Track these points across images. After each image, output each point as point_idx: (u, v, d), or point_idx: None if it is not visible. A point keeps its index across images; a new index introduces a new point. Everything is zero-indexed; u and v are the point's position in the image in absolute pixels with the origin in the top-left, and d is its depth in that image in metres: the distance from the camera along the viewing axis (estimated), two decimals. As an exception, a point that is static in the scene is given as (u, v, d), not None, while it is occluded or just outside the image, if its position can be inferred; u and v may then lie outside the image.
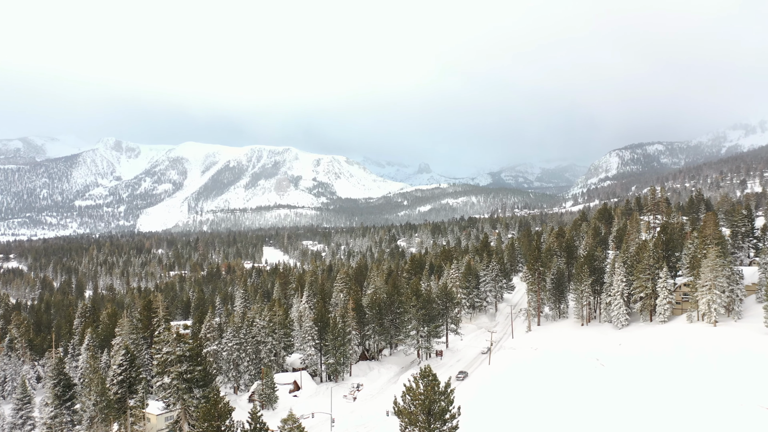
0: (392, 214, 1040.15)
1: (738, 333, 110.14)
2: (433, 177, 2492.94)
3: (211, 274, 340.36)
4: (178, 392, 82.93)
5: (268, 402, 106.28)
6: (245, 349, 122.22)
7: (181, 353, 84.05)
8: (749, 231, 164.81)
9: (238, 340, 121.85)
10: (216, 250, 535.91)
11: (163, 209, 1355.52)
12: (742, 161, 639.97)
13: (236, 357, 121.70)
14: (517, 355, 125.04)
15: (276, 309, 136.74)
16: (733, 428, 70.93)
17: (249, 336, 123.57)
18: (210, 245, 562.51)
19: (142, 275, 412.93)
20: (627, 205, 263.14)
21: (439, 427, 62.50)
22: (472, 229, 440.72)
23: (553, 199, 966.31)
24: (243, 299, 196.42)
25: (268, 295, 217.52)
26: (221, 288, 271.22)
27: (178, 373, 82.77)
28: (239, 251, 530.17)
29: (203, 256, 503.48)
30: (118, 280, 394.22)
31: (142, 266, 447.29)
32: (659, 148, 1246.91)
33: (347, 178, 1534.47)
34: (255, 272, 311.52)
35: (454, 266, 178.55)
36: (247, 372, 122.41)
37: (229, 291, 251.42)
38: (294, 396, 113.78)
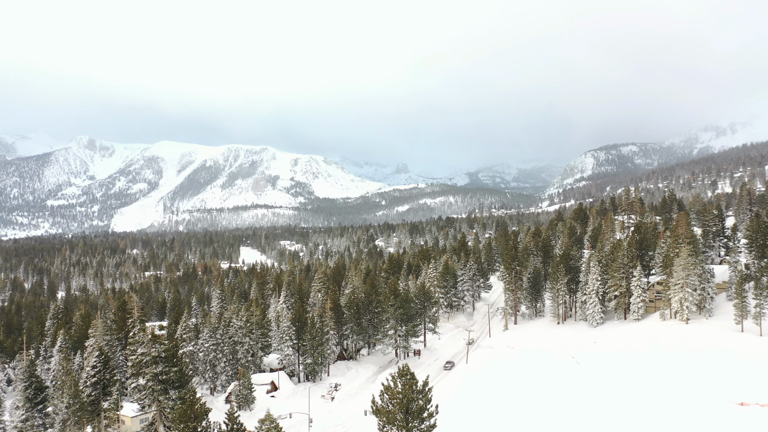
0: (370, 214, 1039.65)
1: (709, 330, 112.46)
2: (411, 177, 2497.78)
3: (187, 275, 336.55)
4: (153, 394, 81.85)
5: (246, 403, 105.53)
6: (222, 349, 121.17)
7: (156, 354, 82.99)
8: (720, 230, 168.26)
9: (215, 341, 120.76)
10: (192, 251, 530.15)
11: (138, 209, 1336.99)
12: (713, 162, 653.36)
13: (213, 358, 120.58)
14: (494, 353, 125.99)
15: (253, 309, 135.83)
16: (704, 423, 72.36)
17: (226, 336, 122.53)
18: (186, 245, 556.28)
19: (116, 276, 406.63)
20: (602, 205, 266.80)
21: (417, 426, 62.72)
22: (450, 229, 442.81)
23: (530, 199, 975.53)
24: (220, 300, 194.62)
25: (246, 295, 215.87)
26: (198, 288, 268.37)
27: (153, 374, 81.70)
28: (216, 251, 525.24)
29: (179, 257, 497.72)
30: (91, 281, 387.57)
31: (117, 267, 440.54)
32: (633, 149, 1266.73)
33: (325, 178, 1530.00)
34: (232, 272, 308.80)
35: (432, 266, 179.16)
36: (224, 373, 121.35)
37: (205, 291, 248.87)
38: (271, 396, 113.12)
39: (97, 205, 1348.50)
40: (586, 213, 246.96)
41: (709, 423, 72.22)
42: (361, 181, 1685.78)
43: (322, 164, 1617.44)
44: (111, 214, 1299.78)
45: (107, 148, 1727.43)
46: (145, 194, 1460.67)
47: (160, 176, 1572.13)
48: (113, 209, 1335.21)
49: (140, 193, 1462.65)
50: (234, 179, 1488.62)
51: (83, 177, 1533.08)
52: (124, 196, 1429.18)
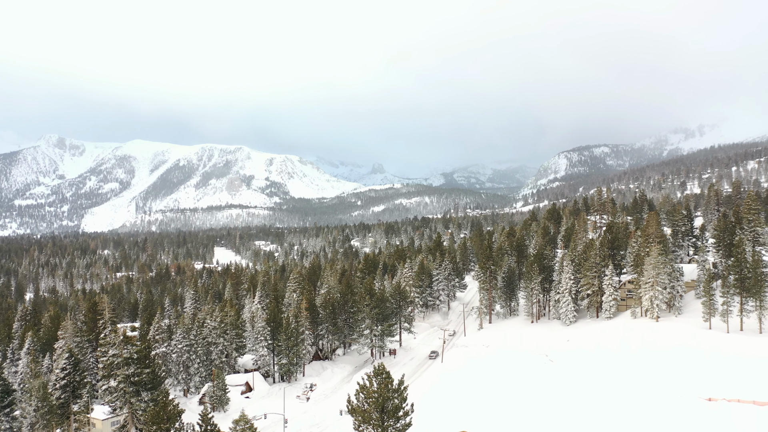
0: (346, 214, 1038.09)
1: (679, 328, 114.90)
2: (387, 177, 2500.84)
3: (160, 275, 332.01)
4: (125, 396, 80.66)
5: (220, 404, 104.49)
6: (196, 350, 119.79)
7: (128, 355, 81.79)
8: (689, 230, 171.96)
9: (188, 342, 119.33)
10: (165, 251, 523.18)
11: (109, 209, 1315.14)
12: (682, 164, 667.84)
13: (186, 359, 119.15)
14: (469, 352, 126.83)
15: (228, 310, 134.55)
16: (673, 418, 73.85)
17: (200, 337, 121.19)
18: (159, 246, 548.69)
19: (87, 277, 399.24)
20: (575, 206, 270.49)
21: (393, 425, 62.87)
22: (426, 229, 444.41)
23: (505, 200, 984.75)
24: (193, 300, 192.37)
25: (220, 296, 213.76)
26: (171, 289, 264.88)
27: (125, 376, 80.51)
28: (189, 252, 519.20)
29: (152, 257, 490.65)
30: (61, 282, 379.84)
31: (87, 267, 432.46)
32: (605, 150, 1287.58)
33: (300, 178, 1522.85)
34: (206, 273, 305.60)
35: (407, 265, 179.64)
36: (197, 374, 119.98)
37: (178, 292, 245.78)
38: (246, 397, 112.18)
39: (67, 205, 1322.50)
40: (560, 213, 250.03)
41: (679, 418, 73.73)
42: (337, 181, 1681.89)
43: (297, 164, 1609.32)
44: (81, 215, 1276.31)
45: (77, 147, 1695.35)
46: (116, 194, 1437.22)
47: (132, 176, 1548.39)
48: (84, 209, 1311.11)
49: (112, 193, 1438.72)
50: (208, 179, 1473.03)
51: (52, 176, 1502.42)
52: (95, 196, 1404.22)
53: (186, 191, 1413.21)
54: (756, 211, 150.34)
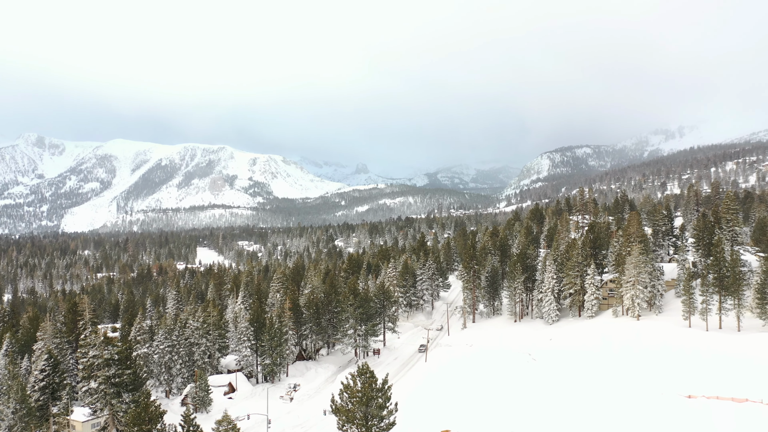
0: (330, 215, 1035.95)
1: (659, 326, 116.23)
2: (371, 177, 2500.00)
3: (141, 276, 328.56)
4: (105, 397, 79.72)
5: (202, 405, 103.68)
6: (178, 351, 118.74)
7: (109, 356, 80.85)
8: (669, 230, 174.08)
9: (171, 343, 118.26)
10: (147, 251, 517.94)
11: (90, 209, 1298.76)
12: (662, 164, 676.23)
13: (168, 360, 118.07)
14: (453, 351, 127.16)
15: (210, 310, 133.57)
16: (654, 415, 74.69)
17: (182, 338, 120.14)
18: (140, 246, 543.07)
19: (66, 277, 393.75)
20: (557, 206, 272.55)
21: (377, 424, 62.84)
22: (409, 229, 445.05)
23: (488, 200, 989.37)
24: (176, 301, 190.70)
25: (202, 296, 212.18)
26: (152, 290, 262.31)
27: (105, 377, 79.57)
28: (172, 252, 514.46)
29: (133, 258, 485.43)
30: (40, 283, 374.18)
31: (67, 268, 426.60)
32: (587, 151, 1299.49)
33: (284, 178, 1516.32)
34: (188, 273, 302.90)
35: (391, 265, 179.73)
36: (179, 375, 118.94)
37: (160, 293, 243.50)
38: (229, 398, 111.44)
39: (47, 205, 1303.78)
40: (543, 213, 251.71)
41: (659, 415, 74.57)
42: (321, 181, 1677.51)
43: (281, 164, 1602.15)
44: (61, 214, 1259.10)
45: (57, 146, 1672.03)
46: (97, 194, 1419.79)
47: (113, 175, 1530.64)
48: (64, 209, 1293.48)
49: (92, 193, 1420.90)
50: (191, 179, 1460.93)
51: (31, 176, 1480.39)
52: (75, 196, 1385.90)
53: (168, 191, 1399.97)
54: (734, 211, 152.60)
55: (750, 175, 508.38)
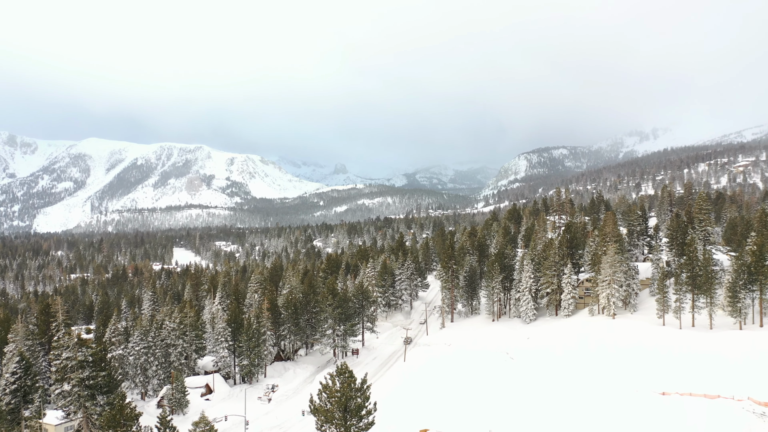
0: (308, 215, 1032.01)
1: (634, 325, 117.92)
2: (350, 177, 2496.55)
3: (116, 277, 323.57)
4: (79, 400, 78.39)
5: (179, 407, 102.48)
6: (154, 352, 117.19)
7: (83, 358, 79.50)
8: (643, 230, 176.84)
9: (146, 344, 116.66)
10: (122, 252, 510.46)
11: (63, 209, 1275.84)
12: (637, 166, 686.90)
13: (144, 361, 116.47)
14: (431, 351, 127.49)
15: (187, 311, 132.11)
16: (629, 412, 75.78)
17: (158, 339, 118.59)
18: (116, 246, 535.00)
19: (39, 279, 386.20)
20: (535, 206, 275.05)
21: (356, 424, 62.74)
22: (388, 229, 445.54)
23: (466, 200, 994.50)
24: (152, 302, 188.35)
25: (179, 297, 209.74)
26: (128, 291, 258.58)
27: (79, 379, 78.23)
28: (148, 252, 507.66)
29: (108, 258, 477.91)
30: (11, 284, 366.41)
31: (40, 269, 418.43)
32: (564, 152, 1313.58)
33: (262, 178, 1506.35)
34: (165, 274, 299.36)
35: (370, 265, 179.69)
36: (155, 376, 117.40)
37: (136, 294, 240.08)
38: (206, 399, 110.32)
39: (18, 205, 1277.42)
40: (520, 213, 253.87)
41: (634, 412, 75.70)
42: (299, 181, 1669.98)
43: (259, 164, 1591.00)
44: (33, 214, 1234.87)
45: (29, 145, 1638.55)
46: (71, 193, 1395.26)
47: (87, 175, 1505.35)
48: (36, 209, 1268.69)
49: (66, 193, 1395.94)
50: (167, 178, 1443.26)
51: (2, 175, 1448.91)
52: (48, 196, 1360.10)
53: (144, 191, 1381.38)
54: (707, 212, 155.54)
55: (721, 176, 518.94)
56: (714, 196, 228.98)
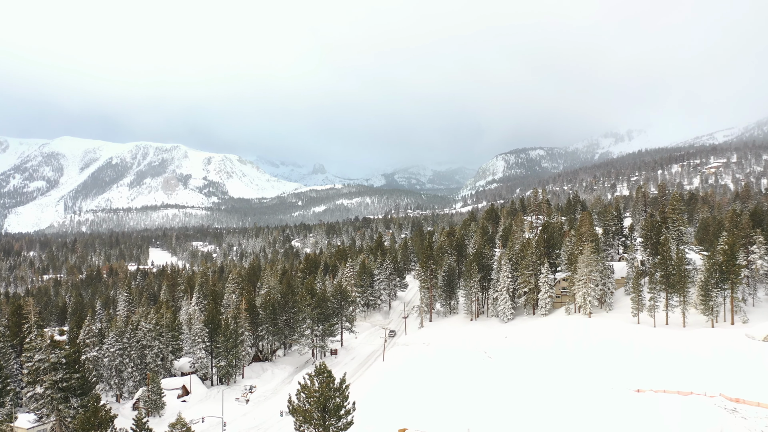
0: (286, 215, 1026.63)
1: (609, 323, 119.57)
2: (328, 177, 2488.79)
3: (91, 278, 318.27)
4: (52, 402, 76.98)
5: (155, 408, 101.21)
6: (129, 354, 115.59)
7: (56, 360, 78.09)
8: (619, 230, 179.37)
9: (121, 345, 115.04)
10: (97, 252, 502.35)
11: (35, 209, 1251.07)
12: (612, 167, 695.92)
13: (119, 363, 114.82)
14: (410, 350, 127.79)
15: (163, 311, 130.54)
16: (604, 409, 76.79)
17: (133, 340, 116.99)
18: (90, 247, 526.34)
19: (10, 280, 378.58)
20: (512, 206, 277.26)
21: (334, 423, 62.61)
22: (367, 230, 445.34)
23: (444, 201, 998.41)
24: (127, 303, 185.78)
25: (155, 298, 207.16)
26: (102, 292, 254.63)
27: (52, 381, 76.83)
28: (123, 253, 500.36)
29: (82, 259, 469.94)
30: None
31: (11, 270, 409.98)
32: (541, 153, 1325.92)
33: (240, 178, 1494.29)
34: (140, 275, 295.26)
35: (348, 265, 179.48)
36: (131, 378, 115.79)
37: (111, 295, 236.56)
38: (183, 401, 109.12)
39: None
40: (498, 213, 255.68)
41: (609, 409, 76.73)
42: (277, 181, 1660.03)
43: (236, 163, 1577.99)
44: (4, 214, 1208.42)
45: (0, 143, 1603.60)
46: (43, 193, 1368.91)
47: (60, 174, 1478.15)
48: (7, 209, 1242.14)
49: (38, 192, 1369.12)
50: (143, 178, 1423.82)
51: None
52: (19, 195, 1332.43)
53: (119, 190, 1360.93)
54: (680, 212, 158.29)
55: (694, 177, 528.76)
56: (687, 196, 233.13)
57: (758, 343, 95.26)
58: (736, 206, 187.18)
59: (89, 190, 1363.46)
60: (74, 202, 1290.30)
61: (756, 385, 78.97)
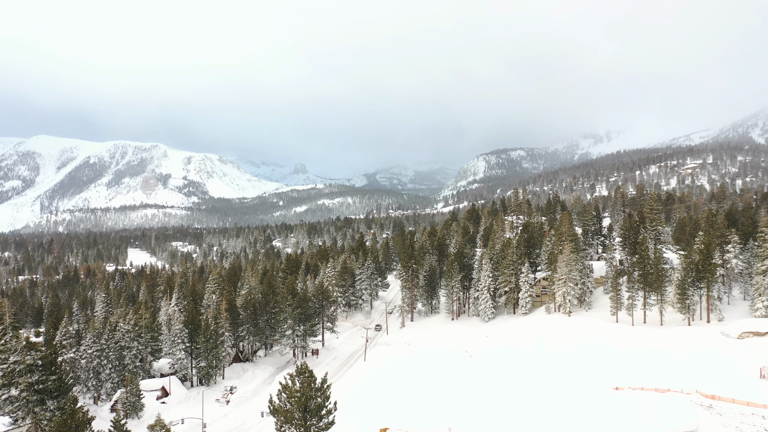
0: (268, 215, 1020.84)
1: (588, 322, 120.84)
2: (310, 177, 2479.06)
3: (68, 278, 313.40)
4: (28, 405, 75.68)
5: (133, 410, 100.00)
6: (107, 355, 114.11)
7: (31, 362, 76.78)
8: (598, 230, 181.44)
9: (99, 347, 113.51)
10: (74, 253, 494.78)
11: (10, 208, 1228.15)
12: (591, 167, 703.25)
13: (97, 364, 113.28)
14: (391, 350, 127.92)
15: (142, 312, 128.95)
16: (583, 407, 77.58)
17: (112, 342, 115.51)
18: (67, 247, 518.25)
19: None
20: (493, 206, 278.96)
21: (316, 424, 62.38)
22: (348, 229, 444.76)
23: (426, 201, 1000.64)
24: (105, 303, 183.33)
25: (134, 298, 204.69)
26: (80, 292, 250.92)
27: (28, 383, 75.53)
28: (101, 253, 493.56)
29: (59, 259, 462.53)
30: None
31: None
32: (521, 153, 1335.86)
33: (220, 177, 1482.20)
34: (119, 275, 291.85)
35: (330, 265, 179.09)
36: (109, 380, 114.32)
37: (89, 295, 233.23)
38: (162, 402, 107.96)
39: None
40: (479, 214, 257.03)
41: (588, 407, 77.53)
42: (258, 181, 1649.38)
43: (217, 163, 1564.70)
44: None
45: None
46: (19, 192, 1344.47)
47: (36, 173, 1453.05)
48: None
49: (13, 191, 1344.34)
50: (121, 177, 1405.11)
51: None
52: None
53: (97, 190, 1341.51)
54: (657, 212, 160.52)
55: (671, 178, 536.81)
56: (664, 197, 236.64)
57: (733, 340, 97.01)
58: (712, 206, 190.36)
59: (66, 190, 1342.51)
60: (51, 202, 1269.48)
61: (731, 381, 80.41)
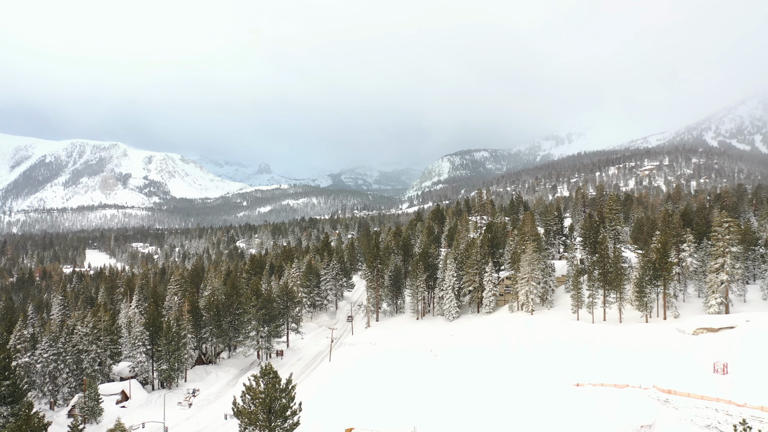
0: (231, 215, 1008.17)
1: (551, 320, 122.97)
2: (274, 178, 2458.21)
3: (22, 281, 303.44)
4: (-20, 412, 73.02)
5: (92, 415, 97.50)
6: (64, 359, 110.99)
7: (-16, 367, 74.13)
8: (559, 229, 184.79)
9: (56, 350, 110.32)
10: (29, 254, 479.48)
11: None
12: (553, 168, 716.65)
13: (53, 368, 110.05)
14: (357, 350, 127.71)
15: (101, 315, 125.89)
16: (546, 403, 78.98)
17: (69, 345, 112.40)
18: (21, 249, 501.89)
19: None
20: (457, 207, 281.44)
21: (280, 425, 61.91)
22: (313, 230, 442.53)
23: (391, 201, 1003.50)
24: (62, 306, 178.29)
25: (92, 301, 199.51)
26: (35, 295, 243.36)
27: (-20, 389, 72.88)
28: (57, 255, 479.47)
29: (12, 261, 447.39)
30: None
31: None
32: (485, 154, 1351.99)
33: (182, 177, 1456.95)
34: (76, 277, 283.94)
35: (295, 266, 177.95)
36: (66, 384, 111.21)
37: (44, 298, 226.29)
38: (122, 407, 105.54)
39: None
40: (443, 214, 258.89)
41: (550, 402, 78.97)
42: (222, 181, 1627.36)
43: (179, 163, 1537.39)
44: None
45: None
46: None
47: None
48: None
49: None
50: (79, 177, 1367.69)
51: None
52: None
53: (53, 190, 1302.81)
54: (616, 212, 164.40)
55: (630, 179, 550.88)
56: (623, 197, 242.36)
57: (688, 336, 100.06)
58: (668, 207, 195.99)
59: (21, 190, 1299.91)
60: (4, 202, 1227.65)
61: (686, 376, 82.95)
